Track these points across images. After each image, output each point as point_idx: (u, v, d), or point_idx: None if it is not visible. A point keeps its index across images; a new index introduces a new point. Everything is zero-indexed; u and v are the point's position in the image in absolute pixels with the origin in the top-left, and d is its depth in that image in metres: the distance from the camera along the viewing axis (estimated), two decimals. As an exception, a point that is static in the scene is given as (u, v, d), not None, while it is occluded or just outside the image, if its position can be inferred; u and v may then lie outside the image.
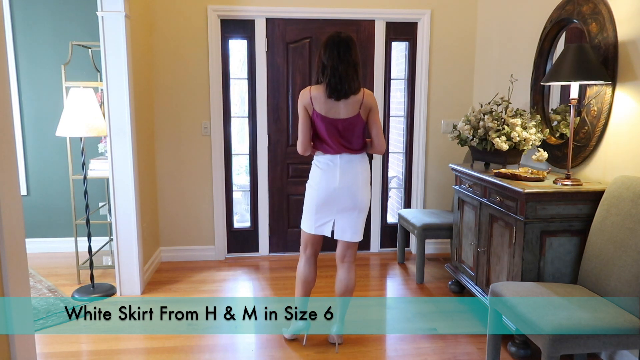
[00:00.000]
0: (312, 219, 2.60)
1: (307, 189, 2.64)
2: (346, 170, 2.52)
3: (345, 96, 2.43)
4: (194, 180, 4.04)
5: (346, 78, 2.40)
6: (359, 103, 2.46)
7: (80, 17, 3.99)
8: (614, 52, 2.44)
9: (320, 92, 2.45)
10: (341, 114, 2.47)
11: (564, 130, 2.85)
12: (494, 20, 3.79)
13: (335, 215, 2.57)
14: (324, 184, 2.53)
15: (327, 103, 2.45)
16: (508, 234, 2.58)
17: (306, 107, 2.49)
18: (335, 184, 2.52)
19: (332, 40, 2.43)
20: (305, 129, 2.51)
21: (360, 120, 2.50)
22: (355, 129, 2.50)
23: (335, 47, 2.41)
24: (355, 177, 2.53)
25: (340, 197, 2.53)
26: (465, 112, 3.87)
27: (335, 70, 2.39)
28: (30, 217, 4.19)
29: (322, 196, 2.54)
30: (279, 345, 2.69)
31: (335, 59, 2.39)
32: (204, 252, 4.14)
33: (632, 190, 2.12)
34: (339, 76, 2.39)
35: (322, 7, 3.93)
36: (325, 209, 2.57)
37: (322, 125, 2.48)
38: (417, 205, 4.27)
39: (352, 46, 2.43)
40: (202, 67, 3.90)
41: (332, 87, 2.41)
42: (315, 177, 2.58)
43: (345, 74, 2.40)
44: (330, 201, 2.54)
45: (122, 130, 3.19)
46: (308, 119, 2.50)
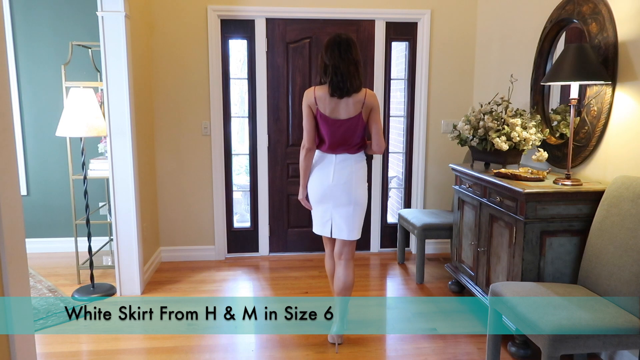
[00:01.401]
0: (316, 219, 2.72)
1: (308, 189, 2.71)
2: (341, 168, 2.58)
3: (347, 94, 2.48)
4: (194, 180, 4.04)
5: (347, 76, 2.45)
6: (361, 103, 2.51)
7: (80, 17, 3.99)
8: (614, 52, 2.44)
9: (324, 92, 2.51)
10: (343, 114, 2.52)
11: (564, 130, 2.85)
12: (494, 20, 3.79)
13: (332, 211, 2.63)
14: (318, 182, 2.61)
15: (331, 103, 2.50)
16: (508, 234, 2.58)
17: (310, 107, 2.55)
18: (329, 182, 2.58)
19: (332, 41, 2.50)
20: (311, 128, 2.56)
21: (362, 121, 2.56)
22: (356, 130, 2.55)
23: (336, 47, 2.47)
24: (350, 175, 2.58)
25: (335, 193, 2.59)
26: (465, 112, 3.87)
27: (336, 68, 2.45)
28: (30, 217, 4.19)
29: (319, 193, 2.62)
30: (279, 345, 2.69)
31: (336, 58, 2.46)
32: (204, 252, 4.14)
33: (632, 190, 2.12)
34: (341, 74, 2.45)
35: (322, 7, 3.93)
36: (321, 207, 2.65)
37: (324, 125, 2.53)
38: (417, 205, 4.27)
39: (352, 45, 2.49)
40: (202, 67, 3.91)
41: (334, 85, 2.46)
42: (312, 176, 2.65)
43: (347, 71, 2.45)
44: (326, 198, 2.61)
45: (122, 130, 3.19)
46: (313, 118, 2.56)
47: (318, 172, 2.61)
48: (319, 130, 2.57)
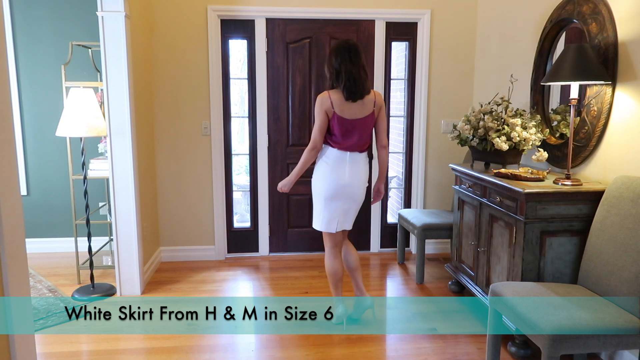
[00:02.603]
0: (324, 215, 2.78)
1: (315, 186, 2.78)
2: (353, 168, 2.73)
3: (360, 97, 2.65)
4: (194, 180, 4.04)
5: (359, 80, 2.62)
6: (373, 102, 2.70)
7: (80, 17, 3.99)
8: (614, 52, 2.44)
9: (338, 95, 2.65)
10: (358, 114, 2.67)
11: (564, 130, 2.85)
12: (494, 20, 3.80)
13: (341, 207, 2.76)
14: (334, 179, 2.70)
15: (345, 105, 2.65)
16: (508, 234, 2.58)
17: (327, 112, 2.66)
18: (345, 180, 2.71)
19: (342, 47, 2.64)
20: (323, 131, 2.69)
21: (373, 119, 2.74)
22: (368, 128, 2.73)
23: (347, 53, 2.62)
24: (359, 176, 2.76)
25: (348, 193, 2.74)
26: (465, 112, 3.88)
27: (349, 74, 2.60)
28: (30, 217, 4.19)
29: (332, 190, 2.71)
30: (279, 345, 2.69)
31: (348, 64, 2.61)
32: (204, 252, 4.14)
33: (632, 190, 2.12)
34: (354, 79, 2.61)
35: (322, 7, 3.93)
36: (334, 203, 2.74)
37: (339, 126, 2.66)
38: (417, 205, 4.27)
39: (360, 51, 2.66)
40: (202, 67, 3.91)
41: (348, 89, 2.62)
42: (323, 173, 2.73)
43: (359, 76, 2.62)
44: (338, 195, 2.73)
45: (122, 130, 3.19)
46: (326, 122, 2.67)
47: (333, 171, 2.70)
48: (334, 130, 2.67)
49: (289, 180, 2.81)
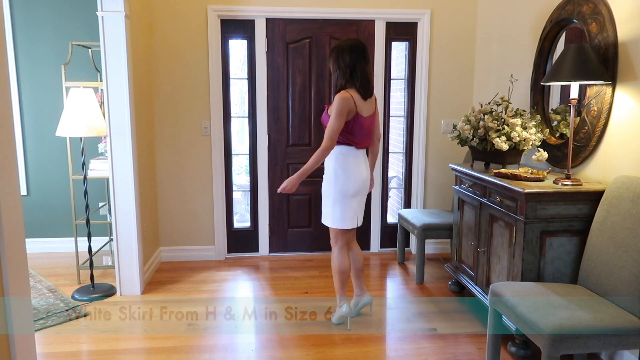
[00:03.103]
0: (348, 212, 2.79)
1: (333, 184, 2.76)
2: (366, 162, 2.84)
3: (370, 95, 2.74)
4: (194, 180, 4.04)
5: (371, 79, 2.74)
6: (374, 100, 2.82)
7: (80, 17, 3.99)
8: (614, 52, 2.44)
9: (357, 94, 2.69)
10: (369, 111, 2.77)
11: (564, 130, 2.85)
12: (494, 20, 3.80)
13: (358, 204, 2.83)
14: (357, 176, 2.76)
15: (363, 104, 2.72)
16: (508, 234, 2.58)
17: (350, 112, 2.66)
18: (365, 175, 2.80)
19: (354, 46, 2.69)
20: (340, 130, 2.68)
21: (377, 114, 2.86)
22: (373, 124, 2.83)
23: (360, 51, 2.68)
24: (369, 170, 2.88)
25: (365, 188, 2.83)
26: (465, 112, 3.87)
27: (364, 72, 2.68)
28: (30, 217, 4.19)
29: (356, 188, 2.77)
30: (279, 345, 2.69)
31: (362, 62, 2.68)
32: (204, 252, 4.14)
33: (632, 190, 2.12)
34: (367, 78, 2.70)
35: (322, 7, 3.93)
36: (356, 200, 2.80)
37: (358, 124, 2.71)
38: (417, 205, 4.27)
39: (367, 50, 2.75)
40: (202, 67, 3.91)
41: (364, 87, 2.69)
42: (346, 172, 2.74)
43: (371, 75, 2.74)
44: (360, 191, 2.79)
45: (122, 130, 3.19)
46: (344, 122, 2.67)
47: (355, 169, 2.75)
48: (353, 128, 2.70)
49: (293, 180, 2.69)
